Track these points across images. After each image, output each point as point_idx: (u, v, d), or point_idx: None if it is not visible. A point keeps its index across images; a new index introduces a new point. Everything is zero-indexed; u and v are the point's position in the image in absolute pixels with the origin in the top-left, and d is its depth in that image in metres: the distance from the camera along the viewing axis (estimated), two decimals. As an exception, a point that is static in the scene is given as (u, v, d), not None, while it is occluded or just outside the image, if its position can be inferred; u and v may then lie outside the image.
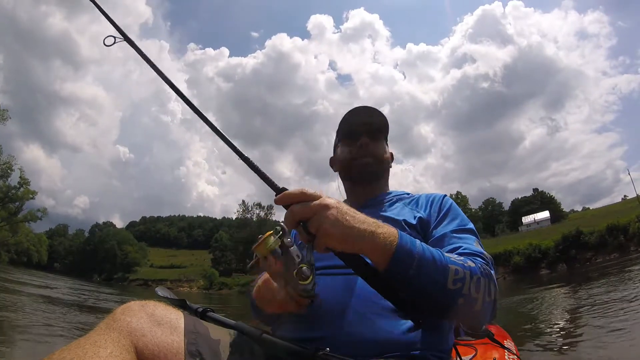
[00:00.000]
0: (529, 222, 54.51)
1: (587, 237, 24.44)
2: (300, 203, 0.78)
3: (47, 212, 48.59)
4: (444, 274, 0.82)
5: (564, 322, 7.06)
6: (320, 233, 0.76)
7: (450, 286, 0.82)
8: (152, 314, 0.83)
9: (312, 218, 0.76)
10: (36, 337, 5.71)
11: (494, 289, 0.88)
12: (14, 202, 44.84)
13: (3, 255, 47.09)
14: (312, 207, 0.77)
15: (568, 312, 8.32)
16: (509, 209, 65.36)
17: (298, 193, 0.79)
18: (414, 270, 0.80)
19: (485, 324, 1.09)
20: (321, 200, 0.78)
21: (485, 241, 24.85)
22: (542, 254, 26.18)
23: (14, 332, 6.17)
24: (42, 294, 15.61)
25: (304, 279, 0.74)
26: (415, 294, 0.84)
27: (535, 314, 8.86)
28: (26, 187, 44.38)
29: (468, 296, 0.83)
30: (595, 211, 46.02)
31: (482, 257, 0.94)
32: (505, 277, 26.33)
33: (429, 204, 1.20)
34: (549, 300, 11.44)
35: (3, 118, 39.47)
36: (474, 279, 0.84)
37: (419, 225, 1.13)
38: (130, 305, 0.83)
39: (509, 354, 1.37)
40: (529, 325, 7.04)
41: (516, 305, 10.57)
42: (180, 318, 0.87)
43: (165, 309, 0.87)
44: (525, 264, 26.38)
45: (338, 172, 1.41)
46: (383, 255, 0.80)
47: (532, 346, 4.87)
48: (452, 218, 1.12)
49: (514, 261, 27.14)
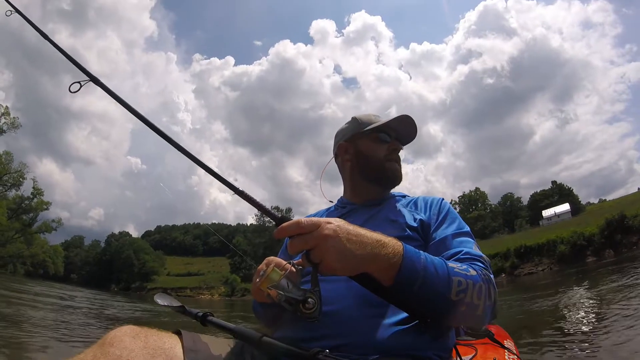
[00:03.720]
0: (550, 216, 52.44)
1: (631, 221, 23.42)
2: (298, 236, 0.77)
3: (62, 222, 47.90)
4: (447, 287, 0.83)
5: (577, 318, 6.54)
6: (323, 264, 0.76)
7: (454, 297, 0.84)
8: (145, 346, 0.76)
9: (313, 250, 0.76)
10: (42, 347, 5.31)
11: (493, 292, 0.92)
12: (27, 213, 44.07)
13: (19, 267, 46.12)
14: (311, 239, 0.76)
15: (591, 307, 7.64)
16: (528, 203, 63.69)
17: (294, 227, 0.78)
18: (418, 286, 0.81)
19: (486, 324, 1.04)
20: (319, 230, 0.77)
21: (504, 237, 22.64)
22: (587, 241, 25.06)
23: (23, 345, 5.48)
24: (60, 304, 15.06)
25: (309, 309, 0.75)
26: (419, 306, 0.86)
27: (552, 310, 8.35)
28: (40, 198, 43.63)
29: (470, 304, 0.85)
30: (612, 202, 44.40)
31: (482, 261, 0.98)
32: (551, 267, 25.56)
33: (428, 207, 1.21)
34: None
35: (14, 126, 38.76)
36: (476, 288, 0.87)
37: (420, 228, 1.14)
38: (120, 334, 0.76)
39: (509, 354, 1.36)
40: (528, 324, 6.79)
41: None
42: (175, 345, 0.82)
43: (158, 337, 0.81)
44: (570, 253, 25.33)
45: (350, 164, 1.33)
46: (387, 275, 0.81)
47: (532, 346, 4.65)
48: (451, 222, 1.13)
49: (559, 250, 26.15)
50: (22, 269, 47.44)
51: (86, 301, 19.89)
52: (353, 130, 1.34)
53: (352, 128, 1.34)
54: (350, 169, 1.33)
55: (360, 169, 1.31)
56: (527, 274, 26.48)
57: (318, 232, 0.76)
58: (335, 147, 1.39)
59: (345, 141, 1.34)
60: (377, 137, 1.29)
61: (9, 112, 38.10)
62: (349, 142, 1.34)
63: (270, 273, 0.79)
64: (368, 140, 1.30)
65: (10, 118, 38.42)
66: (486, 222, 59.59)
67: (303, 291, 0.76)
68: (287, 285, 0.77)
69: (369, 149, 1.29)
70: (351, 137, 1.33)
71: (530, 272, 26.68)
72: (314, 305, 0.75)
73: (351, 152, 1.32)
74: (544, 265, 26.77)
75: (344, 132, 1.37)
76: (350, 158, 1.32)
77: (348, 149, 1.34)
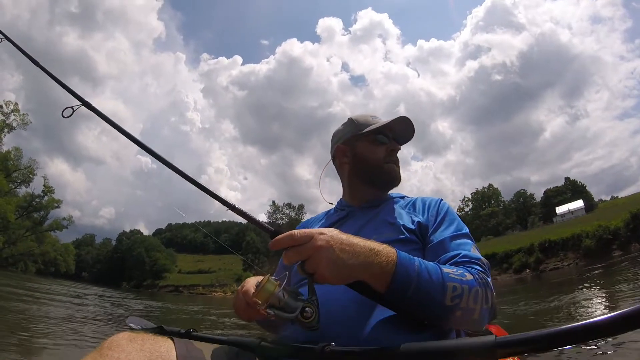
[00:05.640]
0: (563, 213, 52.15)
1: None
2: (292, 248, 0.79)
3: (73, 220, 47.58)
4: (442, 293, 0.84)
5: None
6: (317, 274, 0.78)
7: (448, 303, 0.84)
8: (142, 349, 0.78)
9: (307, 260, 0.78)
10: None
11: (491, 296, 0.92)
12: (38, 211, 43.92)
13: (30, 265, 46.04)
14: (304, 251, 0.78)
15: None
16: (541, 200, 63.04)
17: (287, 239, 0.80)
18: (412, 292, 0.83)
19: (484, 326, 1.01)
20: (312, 242, 0.78)
21: (520, 234, 22.46)
22: (613, 235, 24.75)
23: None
24: (71, 302, 15.13)
25: (307, 318, 0.76)
26: (414, 311, 0.87)
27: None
28: (50, 196, 43.39)
29: (466, 309, 0.86)
30: (625, 199, 44.11)
31: (480, 264, 0.97)
32: (577, 262, 25.40)
33: (426, 209, 1.20)
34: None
35: (24, 122, 38.48)
36: (472, 292, 0.86)
37: (418, 230, 1.13)
38: (118, 339, 0.78)
39: None
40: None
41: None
42: (171, 349, 0.83)
43: (155, 341, 0.83)
44: (596, 247, 25.10)
45: (348, 167, 1.34)
46: (381, 282, 0.83)
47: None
48: (449, 223, 1.12)
49: (585, 244, 25.97)
50: (33, 267, 47.31)
51: (97, 299, 19.92)
52: (350, 133, 1.33)
53: (349, 130, 1.33)
54: (348, 171, 1.33)
55: (358, 172, 1.31)
56: (552, 269, 26.31)
57: (311, 243, 0.78)
58: (333, 149, 1.39)
59: (343, 144, 1.34)
60: (375, 139, 1.29)
61: (18, 108, 37.86)
62: (347, 145, 1.33)
63: (266, 283, 0.77)
64: (366, 142, 1.29)
65: (20, 115, 38.12)
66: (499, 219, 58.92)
67: (300, 301, 0.77)
68: (282, 296, 0.77)
69: (367, 151, 1.29)
70: (348, 139, 1.33)
71: (556, 267, 26.57)
72: (312, 314, 0.76)
73: (349, 155, 1.32)
74: (569, 260, 26.62)
75: (340, 134, 1.36)
76: (349, 161, 1.32)
77: (346, 152, 1.33)
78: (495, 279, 28.72)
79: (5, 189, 34.44)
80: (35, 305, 11.31)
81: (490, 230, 57.12)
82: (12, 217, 35.82)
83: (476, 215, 63.31)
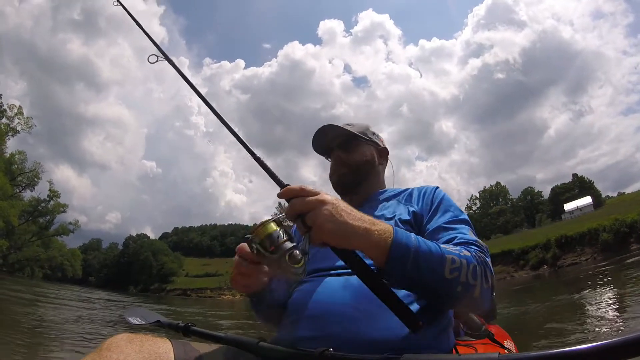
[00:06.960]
0: (572, 209, 51.27)
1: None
2: (299, 197, 0.82)
3: (79, 224, 47.30)
4: (440, 264, 0.84)
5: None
6: (315, 227, 0.79)
7: (448, 275, 0.84)
8: (140, 350, 0.81)
9: (310, 212, 0.80)
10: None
11: (490, 276, 0.92)
12: (44, 216, 43.63)
13: (36, 271, 45.70)
14: (310, 201, 0.80)
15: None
16: (549, 197, 62.60)
17: (298, 188, 0.83)
18: (411, 264, 0.82)
19: (486, 309, 1.02)
20: (319, 196, 0.81)
21: (526, 232, 21.41)
22: (630, 228, 24.12)
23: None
24: (77, 306, 14.85)
25: (295, 262, 0.76)
26: (414, 286, 0.87)
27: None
28: (56, 200, 43.04)
29: (466, 283, 0.86)
30: (632, 195, 43.93)
31: (477, 245, 0.97)
32: (595, 257, 24.63)
33: (422, 197, 1.22)
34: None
35: (28, 126, 38.25)
36: (471, 267, 0.87)
37: (413, 220, 1.14)
38: (117, 341, 0.81)
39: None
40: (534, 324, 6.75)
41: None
42: (170, 350, 0.86)
43: (153, 342, 0.86)
44: (613, 241, 24.40)
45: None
46: (379, 251, 0.82)
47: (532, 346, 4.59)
48: (445, 210, 1.13)
49: (602, 238, 25.20)
50: (40, 273, 46.92)
51: (103, 303, 19.57)
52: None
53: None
54: None
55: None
56: (570, 265, 25.54)
57: (319, 196, 0.81)
58: None
59: None
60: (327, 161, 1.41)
61: (22, 111, 37.56)
62: None
63: (267, 222, 0.80)
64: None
65: (24, 118, 37.85)
66: (508, 217, 58.31)
67: (293, 244, 0.78)
68: (280, 235, 0.79)
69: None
70: None
71: (574, 262, 25.77)
72: (300, 261, 0.76)
73: None
74: (587, 255, 25.87)
75: None
76: None
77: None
78: (513, 276, 28.15)
79: (9, 192, 34.06)
80: (43, 310, 11.24)
81: (499, 229, 56.48)
82: (16, 221, 35.42)
83: (484, 213, 62.58)
